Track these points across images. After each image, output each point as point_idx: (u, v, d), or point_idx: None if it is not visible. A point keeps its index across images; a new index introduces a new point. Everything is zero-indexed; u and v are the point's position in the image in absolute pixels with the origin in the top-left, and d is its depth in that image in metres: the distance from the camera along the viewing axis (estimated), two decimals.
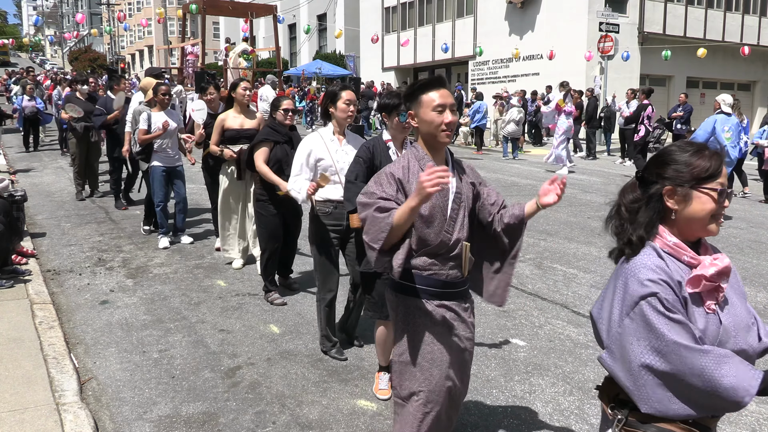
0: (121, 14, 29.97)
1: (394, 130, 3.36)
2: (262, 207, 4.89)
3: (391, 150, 3.36)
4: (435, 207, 2.35)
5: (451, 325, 2.42)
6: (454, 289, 2.44)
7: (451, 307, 2.42)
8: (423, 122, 2.36)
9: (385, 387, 3.49)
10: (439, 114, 2.32)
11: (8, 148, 14.83)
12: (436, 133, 2.34)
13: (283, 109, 4.80)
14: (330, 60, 32.67)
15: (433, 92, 2.34)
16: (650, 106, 13.44)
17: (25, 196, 6.59)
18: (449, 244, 2.38)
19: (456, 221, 2.40)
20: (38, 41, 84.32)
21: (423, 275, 2.40)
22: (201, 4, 16.57)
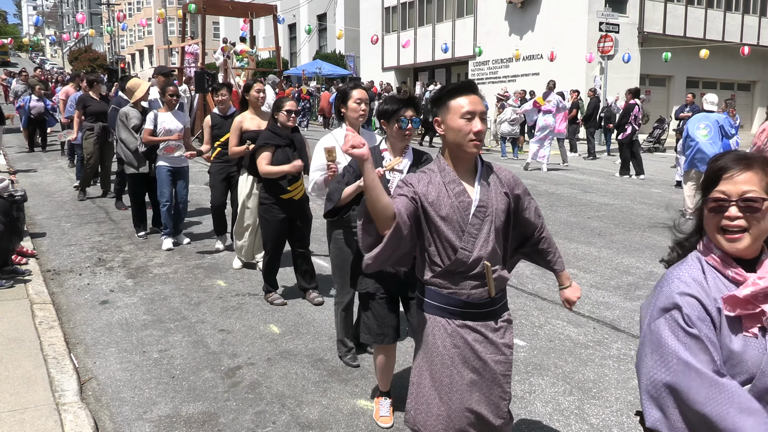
0: (121, 14, 29.97)
1: (393, 138, 3.12)
2: (266, 211, 4.81)
3: (386, 160, 3.13)
4: (450, 221, 2.19)
5: (474, 348, 2.24)
6: (479, 310, 2.26)
7: (476, 328, 2.25)
8: (450, 130, 2.20)
9: (386, 414, 3.28)
10: (468, 122, 2.16)
11: (8, 148, 14.83)
12: (463, 142, 2.18)
13: (285, 110, 4.72)
14: (330, 60, 32.69)
15: (463, 98, 2.18)
16: (637, 106, 13.43)
17: (25, 196, 6.58)
18: (467, 262, 2.20)
19: (477, 237, 2.20)
20: (38, 41, 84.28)
21: (442, 293, 2.25)
22: (201, 4, 16.55)
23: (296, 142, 4.79)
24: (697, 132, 8.49)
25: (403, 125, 3.02)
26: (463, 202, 2.21)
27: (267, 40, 36.90)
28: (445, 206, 2.20)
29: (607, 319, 4.82)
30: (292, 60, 39.06)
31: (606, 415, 3.40)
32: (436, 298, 2.26)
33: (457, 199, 2.20)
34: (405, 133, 3.05)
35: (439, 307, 2.26)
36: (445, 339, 2.25)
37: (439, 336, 2.25)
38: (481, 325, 2.26)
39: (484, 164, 2.33)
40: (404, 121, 3.00)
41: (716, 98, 8.95)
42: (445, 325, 2.25)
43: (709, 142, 8.45)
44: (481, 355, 2.25)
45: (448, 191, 2.21)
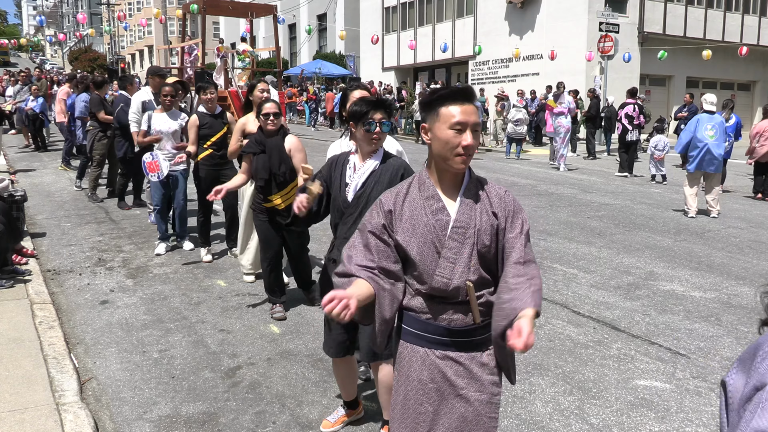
0: (121, 14, 29.97)
1: (360, 141, 2.91)
2: (254, 216, 4.78)
3: (350, 163, 2.96)
4: (425, 243, 1.95)
5: (455, 384, 1.97)
6: (463, 338, 1.98)
7: (459, 360, 1.98)
8: (436, 140, 1.95)
9: (331, 419, 3.22)
10: (457, 134, 1.91)
11: (8, 147, 14.83)
12: (449, 156, 1.93)
13: (263, 114, 4.47)
14: (330, 60, 32.70)
15: (455, 106, 1.92)
16: (632, 105, 13.40)
17: (25, 196, 6.58)
18: (446, 289, 1.95)
19: (456, 263, 1.94)
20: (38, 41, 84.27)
21: (421, 319, 2.00)
22: (201, 4, 16.56)
23: (267, 147, 4.49)
24: (706, 133, 8.56)
25: (371, 128, 2.83)
26: (440, 221, 1.95)
27: (267, 40, 36.91)
28: (419, 225, 1.96)
29: (607, 319, 4.82)
30: (292, 60, 39.06)
31: (606, 415, 3.40)
32: (414, 324, 2.01)
33: (434, 217, 1.96)
34: (372, 137, 2.86)
35: (417, 334, 2.01)
36: (422, 371, 1.99)
37: (415, 367, 2.00)
38: (466, 357, 1.98)
39: (472, 179, 2.04)
40: (372, 124, 2.82)
41: (715, 98, 9.00)
42: (423, 355, 2.00)
43: (715, 143, 8.58)
44: (460, 391, 1.97)
45: (425, 208, 1.97)
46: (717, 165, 8.71)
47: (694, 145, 8.62)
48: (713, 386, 3.76)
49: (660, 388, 3.73)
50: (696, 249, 7.06)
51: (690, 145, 8.71)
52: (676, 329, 4.66)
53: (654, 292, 5.52)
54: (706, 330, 4.66)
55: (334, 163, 3.03)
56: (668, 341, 4.43)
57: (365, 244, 2.01)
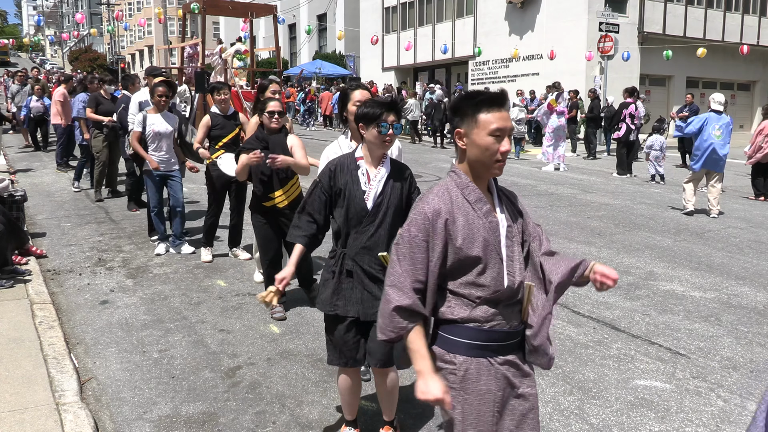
0: (120, 13, 29.97)
1: (371, 145, 2.82)
2: (253, 217, 4.73)
3: (361, 170, 2.86)
4: (488, 245, 1.96)
5: (514, 385, 2.03)
6: (515, 340, 2.04)
7: (515, 362, 2.03)
8: (474, 146, 1.95)
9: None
10: (496, 140, 1.93)
11: (8, 147, 14.83)
12: (489, 162, 1.96)
13: (267, 111, 4.48)
14: (330, 60, 32.70)
15: (493, 112, 1.93)
16: (633, 105, 13.46)
17: (25, 196, 6.59)
18: (513, 288, 2.00)
19: (515, 261, 2.01)
20: (38, 41, 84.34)
21: (484, 329, 1.98)
22: (201, 4, 16.56)
23: (270, 144, 4.48)
24: (713, 133, 8.61)
25: (383, 131, 2.75)
26: (492, 223, 1.99)
27: (267, 40, 36.93)
28: (478, 229, 1.96)
29: (607, 319, 4.82)
30: (292, 60, 39.06)
31: (606, 415, 3.40)
32: (479, 336, 1.97)
33: (487, 220, 1.98)
34: (385, 140, 2.78)
35: (482, 345, 1.98)
36: (490, 383, 1.97)
37: (483, 380, 1.97)
38: (517, 357, 2.05)
39: (496, 181, 2.11)
40: (385, 126, 2.75)
41: (723, 98, 9.04)
42: (488, 365, 1.98)
43: (721, 143, 8.68)
44: (523, 392, 2.05)
45: (476, 211, 1.98)
46: (721, 164, 8.80)
47: (701, 144, 8.70)
48: (713, 386, 3.76)
49: (660, 388, 3.73)
50: (696, 249, 7.06)
51: (695, 145, 8.79)
52: (676, 329, 4.66)
53: (654, 292, 5.52)
54: (706, 330, 4.66)
55: (338, 171, 2.88)
56: (668, 341, 4.43)
57: (416, 259, 1.95)
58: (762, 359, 4.18)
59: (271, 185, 4.55)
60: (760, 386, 3.78)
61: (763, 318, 4.94)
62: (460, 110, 2.00)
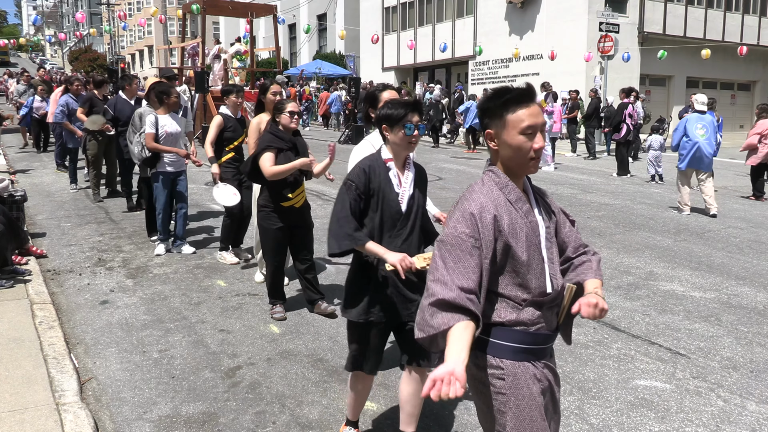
0: (121, 14, 29.96)
1: (397, 146, 2.78)
2: (264, 218, 4.59)
3: (392, 172, 2.81)
4: (531, 246, 1.91)
5: (554, 390, 2.01)
6: (552, 342, 2.02)
7: (550, 366, 2.01)
8: (507, 146, 1.89)
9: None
10: (528, 138, 1.87)
11: (8, 147, 14.84)
12: (524, 161, 1.89)
13: (288, 112, 4.51)
14: (330, 60, 32.72)
15: (522, 110, 1.86)
16: (631, 105, 13.58)
17: (25, 196, 6.58)
18: (557, 289, 1.96)
19: (554, 262, 1.98)
20: (38, 41, 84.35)
21: (530, 332, 1.92)
22: (201, 4, 16.57)
23: (299, 145, 4.59)
24: (697, 132, 8.75)
25: (408, 132, 2.73)
26: (532, 223, 1.94)
27: (267, 40, 36.93)
28: (521, 229, 1.90)
29: (607, 319, 4.82)
30: (292, 60, 39.07)
31: (606, 415, 3.40)
32: (525, 339, 1.92)
33: (528, 219, 1.93)
34: (410, 141, 2.76)
35: (527, 349, 1.92)
36: (536, 386, 1.93)
37: (533, 385, 1.92)
38: (552, 360, 2.03)
39: (530, 180, 2.05)
40: (410, 128, 2.72)
41: (706, 98, 9.33)
42: (533, 370, 1.93)
43: (706, 142, 8.89)
44: (556, 395, 2.03)
45: (517, 211, 1.92)
46: (708, 163, 8.97)
47: (685, 144, 8.93)
48: (713, 386, 3.76)
49: (660, 388, 3.73)
50: (696, 249, 7.06)
51: (680, 144, 9.02)
52: (676, 329, 4.66)
53: (654, 292, 5.52)
54: (706, 330, 4.66)
55: (371, 172, 2.79)
56: (668, 341, 4.43)
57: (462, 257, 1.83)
58: (762, 359, 4.18)
59: (294, 185, 4.57)
60: (760, 386, 3.78)
61: (763, 318, 4.94)
62: (488, 111, 1.93)
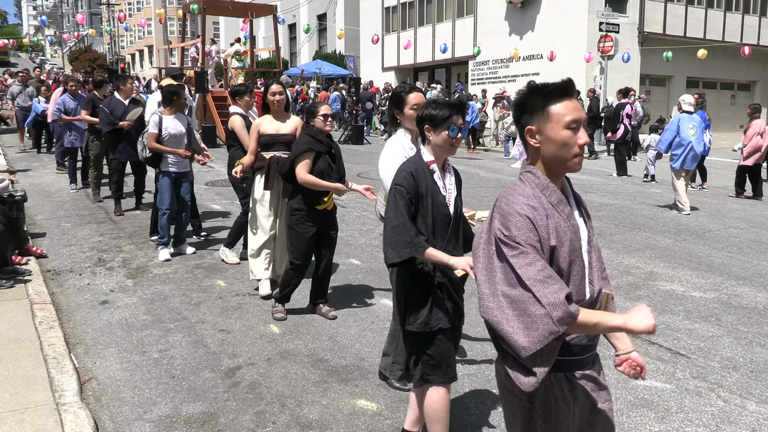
0: (122, 14, 29.98)
1: (439, 149, 2.72)
2: (298, 222, 4.51)
3: (436, 175, 2.73)
4: (573, 251, 1.81)
5: (594, 401, 1.91)
6: (592, 352, 1.92)
7: (591, 376, 1.91)
8: (550, 142, 1.79)
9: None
10: (573, 133, 1.77)
11: (8, 148, 14.84)
12: (567, 157, 1.80)
13: (321, 115, 4.48)
14: (330, 60, 32.71)
15: (564, 103, 1.79)
16: (629, 105, 13.68)
17: (25, 196, 6.58)
18: (594, 297, 1.87)
19: (593, 268, 1.89)
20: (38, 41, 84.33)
21: (566, 341, 1.82)
22: (201, 4, 16.58)
23: (335, 150, 4.57)
24: (689, 132, 9.15)
25: (452, 134, 2.67)
26: (574, 226, 1.84)
27: (267, 40, 36.95)
28: (564, 232, 1.81)
29: None
30: (292, 60, 39.07)
31: None
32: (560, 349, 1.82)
33: (569, 222, 1.84)
34: (453, 143, 2.70)
35: (561, 360, 1.82)
36: (569, 398, 1.85)
37: (564, 396, 1.84)
38: (593, 370, 1.92)
39: (569, 181, 1.94)
40: (454, 130, 2.67)
41: (692, 99, 9.71)
42: (566, 381, 1.85)
43: (697, 141, 9.15)
44: (599, 405, 1.92)
45: (560, 214, 1.82)
46: (696, 161, 9.38)
47: (679, 144, 9.15)
48: (713, 386, 3.76)
49: (660, 388, 3.73)
50: (696, 249, 7.06)
51: (673, 144, 9.23)
52: (676, 329, 4.66)
53: (654, 292, 5.52)
54: (706, 330, 4.66)
55: (417, 175, 2.70)
56: (668, 341, 4.43)
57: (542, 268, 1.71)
58: (762, 359, 4.18)
59: (327, 190, 4.53)
60: (760, 386, 3.78)
61: (763, 318, 4.94)
62: (527, 105, 1.84)
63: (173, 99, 6.16)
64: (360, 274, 5.88)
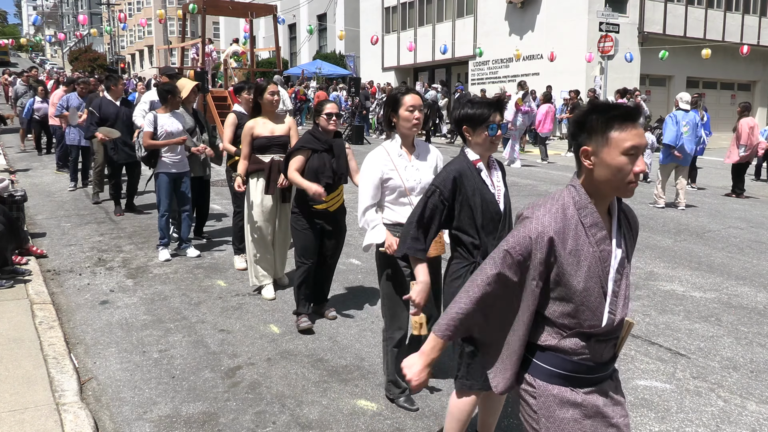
0: (122, 15, 29.97)
1: (480, 147, 2.71)
2: (296, 221, 4.48)
3: (483, 173, 2.70)
4: (591, 277, 1.78)
5: (607, 415, 1.87)
6: (605, 372, 1.89)
7: (604, 391, 1.89)
8: (604, 167, 1.74)
9: None
10: (630, 160, 1.71)
11: (8, 148, 14.84)
12: (621, 185, 1.74)
13: (326, 113, 4.38)
14: (330, 60, 32.72)
15: (627, 129, 1.72)
16: None
17: (25, 196, 6.58)
18: (613, 325, 1.82)
19: (619, 296, 1.82)
20: (38, 41, 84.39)
21: (572, 360, 1.83)
22: (201, 4, 16.58)
23: (335, 147, 4.42)
24: (682, 129, 9.34)
25: (492, 132, 2.67)
26: (604, 252, 1.79)
27: (267, 40, 36.94)
28: (586, 256, 1.77)
29: None
30: (292, 60, 39.07)
31: None
32: (563, 365, 1.84)
33: (598, 248, 1.79)
34: (493, 140, 2.70)
35: (565, 375, 1.84)
36: (575, 411, 1.85)
37: (569, 409, 1.85)
38: (607, 385, 1.91)
39: (620, 203, 1.89)
40: (494, 128, 2.67)
41: (690, 97, 9.90)
42: (572, 395, 1.85)
43: (689, 139, 9.38)
44: (613, 420, 1.89)
45: (588, 237, 1.78)
46: (688, 159, 9.52)
47: (671, 140, 9.36)
48: (713, 386, 3.76)
49: (660, 388, 3.73)
50: (696, 249, 7.06)
51: (663, 141, 9.49)
52: (676, 329, 4.66)
53: (654, 292, 5.52)
54: (706, 330, 4.66)
55: (463, 177, 2.68)
56: (668, 341, 4.43)
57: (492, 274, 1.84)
58: (762, 359, 4.17)
59: (330, 188, 4.40)
60: (760, 386, 3.78)
61: (763, 318, 4.94)
62: (587, 125, 1.77)
63: (167, 97, 6.13)
64: (360, 274, 5.88)
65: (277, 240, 5.32)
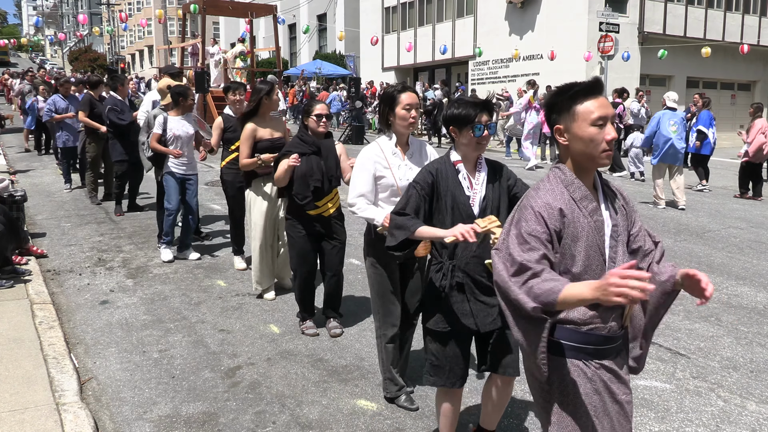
0: (122, 15, 29.95)
1: (466, 148, 2.69)
2: (290, 227, 4.36)
3: (462, 174, 2.70)
4: (590, 246, 1.91)
5: (613, 392, 1.96)
6: (614, 344, 1.98)
7: (611, 368, 1.97)
8: (578, 140, 1.90)
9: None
10: (600, 129, 1.87)
11: (8, 148, 14.83)
12: (596, 153, 1.88)
13: (315, 115, 4.26)
14: (330, 60, 32.72)
15: (590, 101, 1.89)
16: (621, 105, 13.95)
17: (25, 196, 6.58)
18: None
19: (617, 262, 1.95)
20: (38, 41, 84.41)
21: (581, 331, 1.93)
22: (201, 4, 16.58)
23: (323, 149, 4.28)
24: (669, 129, 9.39)
25: (477, 133, 2.63)
26: (598, 222, 1.93)
27: (267, 40, 36.92)
28: (583, 228, 1.91)
29: None
30: (292, 60, 39.07)
31: None
32: (575, 337, 1.93)
33: (592, 218, 1.93)
34: (480, 142, 2.66)
35: (577, 347, 1.93)
36: (586, 384, 1.93)
37: (580, 382, 1.93)
38: (614, 362, 1.99)
39: (602, 177, 2.04)
40: (479, 128, 2.62)
41: (677, 96, 10.01)
42: (583, 368, 1.93)
43: (677, 138, 9.40)
44: (618, 397, 1.98)
45: (581, 209, 1.92)
46: (679, 158, 9.49)
47: (659, 140, 9.41)
48: (713, 386, 3.76)
49: (660, 387, 3.73)
50: (696, 249, 7.06)
51: (654, 140, 9.50)
52: (676, 329, 4.66)
53: None
54: (706, 330, 4.66)
55: (439, 175, 2.69)
56: (668, 341, 4.43)
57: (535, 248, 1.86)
58: (762, 359, 4.18)
59: (320, 193, 4.27)
60: (760, 386, 3.78)
61: (763, 318, 4.94)
62: (555, 106, 1.96)
63: (179, 100, 5.99)
64: (360, 274, 5.88)
65: (280, 243, 5.31)
